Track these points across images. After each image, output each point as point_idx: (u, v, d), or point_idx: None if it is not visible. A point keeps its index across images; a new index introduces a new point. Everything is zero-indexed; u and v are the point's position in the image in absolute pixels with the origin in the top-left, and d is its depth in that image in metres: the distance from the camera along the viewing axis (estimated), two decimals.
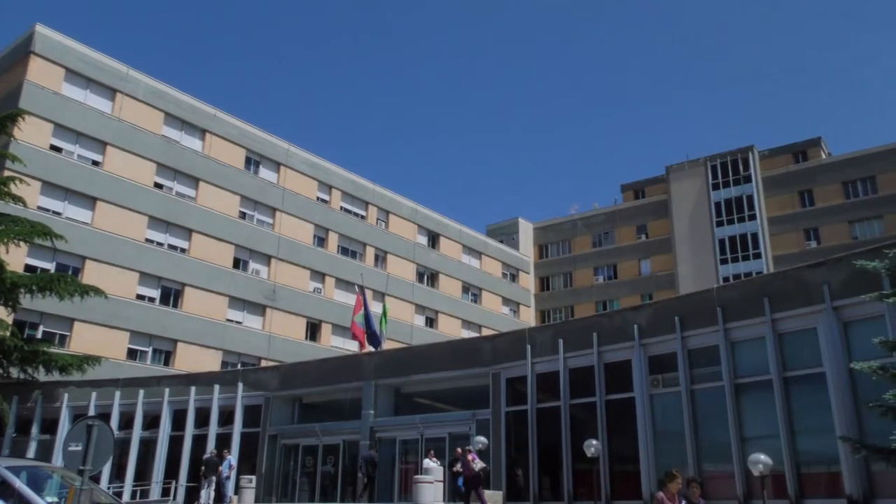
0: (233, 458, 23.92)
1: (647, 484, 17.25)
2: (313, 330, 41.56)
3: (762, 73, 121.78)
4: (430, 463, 20.43)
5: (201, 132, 38.32)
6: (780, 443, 15.36)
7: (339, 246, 44.13)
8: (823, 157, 53.14)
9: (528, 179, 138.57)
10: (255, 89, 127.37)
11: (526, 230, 63.03)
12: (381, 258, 46.57)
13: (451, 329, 49.16)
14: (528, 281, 60.33)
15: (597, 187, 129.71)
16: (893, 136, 64.97)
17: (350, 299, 41.19)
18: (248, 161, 40.30)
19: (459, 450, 18.48)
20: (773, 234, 51.29)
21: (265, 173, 41.07)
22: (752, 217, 52.27)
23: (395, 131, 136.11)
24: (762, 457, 13.94)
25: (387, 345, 32.37)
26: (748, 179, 53.35)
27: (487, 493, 18.16)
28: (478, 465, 17.25)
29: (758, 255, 51.08)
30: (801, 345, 15.88)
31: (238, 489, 22.85)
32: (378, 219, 47.13)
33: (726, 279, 48.82)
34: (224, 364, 36.27)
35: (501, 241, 59.58)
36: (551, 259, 62.23)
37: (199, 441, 26.02)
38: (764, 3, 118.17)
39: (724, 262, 52.40)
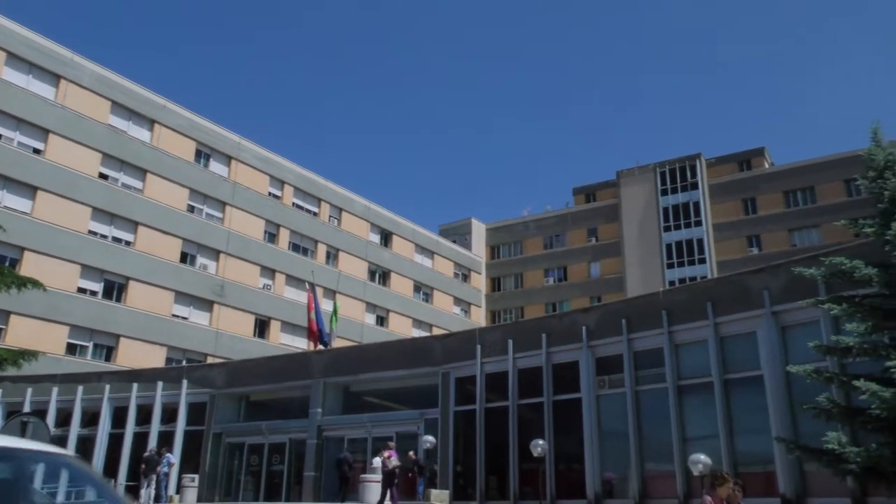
0: (172, 455, 23.44)
1: (592, 483, 17.54)
2: (262, 327, 40.96)
3: (712, 83, 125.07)
4: (378, 462, 20.38)
5: (150, 122, 37.37)
6: (719, 443, 15.79)
7: (290, 242, 43.59)
8: (767, 166, 54.86)
9: (481, 180, 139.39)
10: (207, 81, 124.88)
11: (478, 231, 63.36)
12: (332, 255, 46.18)
13: (402, 328, 49.08)
14: (480, 281, 60.66)
15: (549, 190, 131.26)
16: (832, 149, 67.52)
17: (301, 297, 40.75)
18: (198, 154, 39.46)
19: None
20: (717, 240, 52.70)
21: (215, 167, 40.29)
22: (699, 223, 53.63)
23: (350, 128, 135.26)
24: (702, 457, 14.32)
25: (337, 343, 32.12)
26: (695, 186, 54.70)
27: (434, 493, 18.23)
28: (392, 463, 17.36)
29: (703, 261, 52.42)
30: (742, 348, 16.36)
31: (180, 488, 22.39)
32: (330, 216, 46.73)
33: (672, 283, 49.97)
34: (168, 360, 35.46)
35: (454, 241, 59.75)
36: (503, 260, 62.69)
37: (141, 439, 25.41)
38: (714, 17, 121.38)
39: (670, 266, 53.61)
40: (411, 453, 20.10)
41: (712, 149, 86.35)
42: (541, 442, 17.54)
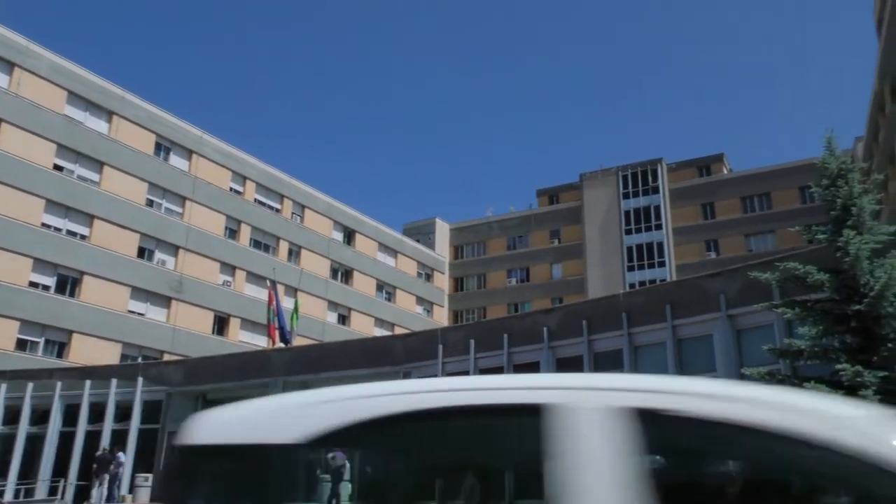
0: (123, 454, 22.96)
1: None
2: (221, 324, 40.35)
3: (674, 89, 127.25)
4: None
5: (108, 114, 36.49)
6: None
7: (251, 239, 43.02)
8: (725, 172, 56.00)
9: (446, 180, 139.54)
10: (168, 74, 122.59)
11: (442, 230, 63.42)
12: (294, 253, 45.72)
13: (363, 327, 48.84)
14: (443, 281, 60.71)
15: (513, 191, 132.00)
16: (788, 157, 69.32)
17: (261, 294, 40.26)
18: (157, 147, 38.67)
19: None
20: (677, 243, 53.63)
21: (175, 160, 39.53)
22: (659, 227, 54.50)
23: (315, 125, 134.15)
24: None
25: (297, 341, 31.82)
26: (656, 190, 55.58)
27: None
28: (335, 463, 17.31)
29: (662, 264, 53.29)
30: (698, 350, 16.66)
31: (133, 488, 21.93)
32: (293, 213, 46.26)
33: (632, 286, 50.67)
34: (123, 357, 34.69)
35: (418, 241, 59.69)
36: (466, 260, 62.86)
37: (93, 437, 24.79)
38: (677, 25, 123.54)
39: (631, 269, 54.38)
40: None
41: (673, 154, 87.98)
42: None
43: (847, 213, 12.47)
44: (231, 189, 42.27)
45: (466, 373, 19.97)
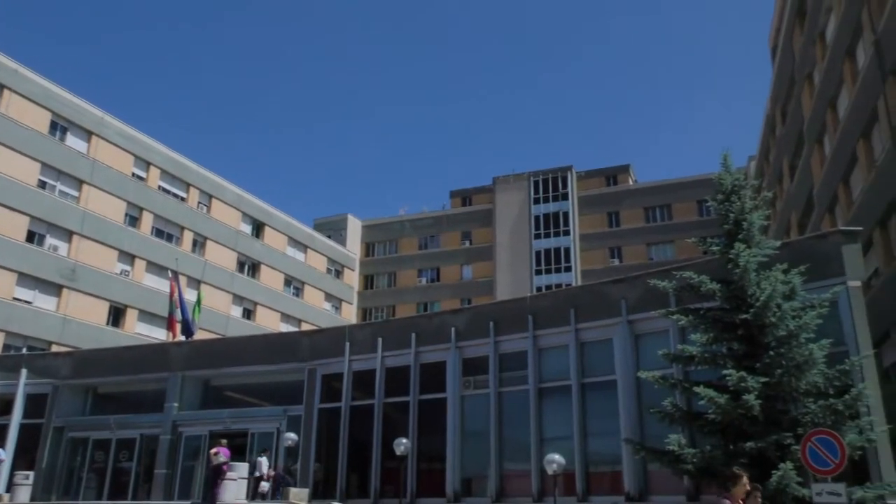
0: (3, 451, 21.58)
1: (452, 482, 17.85)
2: (117, 315, 38.45)
3: (587, 99, 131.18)
4: (259, 458, 19.70)
5: None
6: (573, 444, 16.54)
7: (153, 227, 41.18)
8: (631, 183, 58.23)
9: (360, 177, 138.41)
10: (68, 50, 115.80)
11: (354, 227, 62.88)
12: (199, 244, 44.13)
13: (269, 322, 47.75)
14: (353, 278, 60.18)
15: (427, 191, 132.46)
16: (688, 171, 72.83)
17: (162, 284, 38.68)
18: (53, 126, 36.39)
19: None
20: (583, 249, 55.32)
21: (73, 141, 37.34)
22: (567, 232, 56.05)
23: (226, 114, 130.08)
24: (556, 456, 14.96)
25: (199, 335, 30.74)
26: (565, 197, 57.14)
27: (293, 492, 17.88)
28: (218, 459, 17.05)
29: (569, 269, 54.83)
30: (599, 354, 17.21)
31: (11, 486, 20.61)
32: (200, 202, 44.63)
33: (539, 289, 51.91)
34: (6, 347, 32.47)
35: (329, 236, 58.91)
36: (377, 258, 62.59)
37: None
38: (589, 40, 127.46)
39: (538, 272, 55.66)
40: (269, 471, 19.48)
41: (583, 163, 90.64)
42: (404, 441, 17.66)
43: (738, 228, 13.20)
44: (133, 174, 40.35)
45: (373, 371, 19.90)
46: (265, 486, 18.97)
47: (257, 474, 19.25)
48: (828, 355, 12.00)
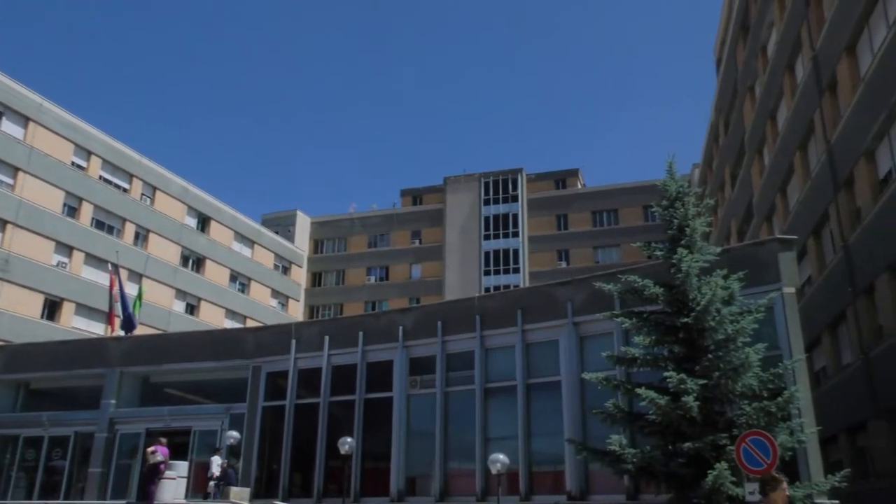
0: None
1: (396, 481, 17.83)
2: (52, 308, 37.09)
3: (538, 102, 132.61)
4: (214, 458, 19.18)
5: None
6: (517, 443, 16.71)
7: (93, 218, 39.85)
8: (579, 187, 59.13)
9: (310, 173, 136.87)
10: (7, 34, 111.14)
11: (303, 223, 62.15)
12: (142, 236, 42.92)
13: (213, 318, 46.76)
14: (300, 275, 59.45)
15: (377, 189, 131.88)
16: (635, 177, 74.36)
17: (101, 278, 37.51)
18: None
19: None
20: (531, 251, 55.90)
21: (9, 127, 35.82)
22: (516, 234, 56.56)
23: (173, 104, 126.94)
24: (501, 456, 15.08)
25: (139, 330, 29.93)
26: (515, 199, 57.65)
27: (234, 491, 17.58)
28: (155, 458, 16.76)
29: (517, 270, 55.35)
30: (545, 355, 17.42)
31: None
32: (143, 194, 43.40)
33: (488, 290, 52.24)
34: None
35: (277, 232, 58.06)
36: (326, 255, 62.01)
37: None
38: (542, 45, 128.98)
39: (487, 273, 56.00)
40: (215, 470, 19.09)
41: (533, 165, 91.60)
42: (349, 440, 17.56)
43: (682, 233, 13.54)
44: (73, 163, 38.96)
45: (319, 369, 19.72)
46: (213, 485, 18.59)
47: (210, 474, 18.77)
48: (762, 359, 12.39)
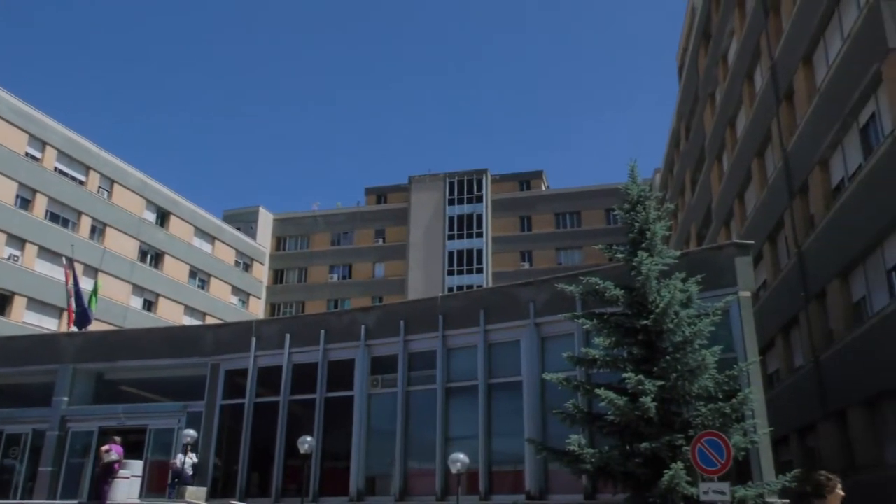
0: None
1: (356, 481, 17.74)
2: (3, 302, 36.01)
3: (504, 104, 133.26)
4: (180, 457, 18.78)
5: None
6: (478, 443, 16.75)
7: (47, 211, 38.80)
8: (543, 188, 59.60)
9: (273, 169, 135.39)
10: None
11: (265, 220, 61.43)
12: (98, 230, 41.92)
13: (171, 315, 45.93)
14: (262, 272, 58.75)
15: (341, 187, 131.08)
16: (598, 180, 75.31)
17: (55, 272, 36.58)
18: None
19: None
20: (495, 252, 56.16)
21: None
22: (480, 234, 56.77)
23: (133, 95, 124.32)
24: (461, 456, 15.10)
25: (95, 326, 29.24)
26: (480, 199, 57.86)
27: (189, 490, 17.30)
28: (110, 457, 16.50)
29: (480, 270, 55.56)
30: (507, 355, 17.48)
31: None
32: (100, 187, 42.40)
33: (451, 289, 52.33)
34: None
35: (238, 229, 57.26)
36: (288, 252, 61.40)
37: None
38: (510, 45, 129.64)
39: (450, 273, 56.09)
40: (174, 461, 18.76)
41: (498, 166, 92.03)
42: (308, 439, 17.40)
43: (642, 237, 13.73)
44: (27, 154, 37.89)
45: (280, 367, 19.51)
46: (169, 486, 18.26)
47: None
48: (718, 361, 12.62)
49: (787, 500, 12.92)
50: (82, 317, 27.30)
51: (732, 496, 11.24)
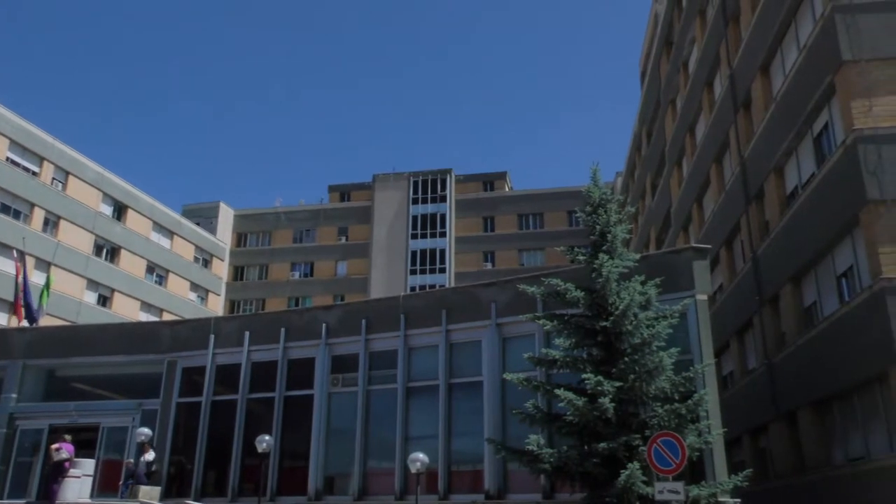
0: None
1: (314, 480, 17.61)
2: None
3: (468, 105, 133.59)
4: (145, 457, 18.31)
5: None
6: (437, 443, 16.76)
7: None
8: (507, 190, 59.95)
9: (235, 164, 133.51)
10: None
11: (226, 216, 60.54)
12: (52, 223, 40.80)
13: (127, 310, 44.96)
14: (222, 268, 57.88)
15: (304, 184, 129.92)
16: (561, 182, 76.11)
17: (5, 265, 35.50)
18: None
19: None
20: (458, 252, 56.30)
21: None
22: (443, 234, 56.85)
23: (89, 85, 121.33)
24: (420, 455, 15.09)
25: (46, 321, 28.48)
26: (443, 199, 57.95)
27: (143, 489, 16.96)
28: (60, 455, 16.16)
29: (443, 270, 55.63)
30: (468, 355, 17.52)
31: None
32: (54, 178, 41.26)
33: (413, 289, 52.31)
34: None
35: (198, 224, 56.30)
36: (249, 249, 60.63)
37: None
38: (468, 49, 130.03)
39: (413, 272, 56.05)
40: (129, 461, 18.37)
41: (462, 166, 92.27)
42: (267, 438, 17.21)
43: (603, 239, 13.91)
44: None
45: (238, 365, 19.25)
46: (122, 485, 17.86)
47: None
48: (675, 363, 12.87)
49: (739, 500, 13.22)
50: (30, 312, 26.58)
51: (686, 495, 11.46)
